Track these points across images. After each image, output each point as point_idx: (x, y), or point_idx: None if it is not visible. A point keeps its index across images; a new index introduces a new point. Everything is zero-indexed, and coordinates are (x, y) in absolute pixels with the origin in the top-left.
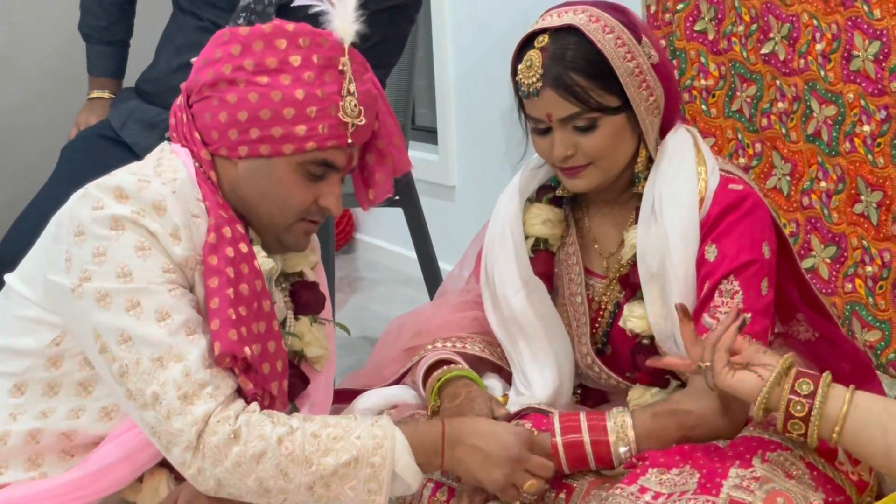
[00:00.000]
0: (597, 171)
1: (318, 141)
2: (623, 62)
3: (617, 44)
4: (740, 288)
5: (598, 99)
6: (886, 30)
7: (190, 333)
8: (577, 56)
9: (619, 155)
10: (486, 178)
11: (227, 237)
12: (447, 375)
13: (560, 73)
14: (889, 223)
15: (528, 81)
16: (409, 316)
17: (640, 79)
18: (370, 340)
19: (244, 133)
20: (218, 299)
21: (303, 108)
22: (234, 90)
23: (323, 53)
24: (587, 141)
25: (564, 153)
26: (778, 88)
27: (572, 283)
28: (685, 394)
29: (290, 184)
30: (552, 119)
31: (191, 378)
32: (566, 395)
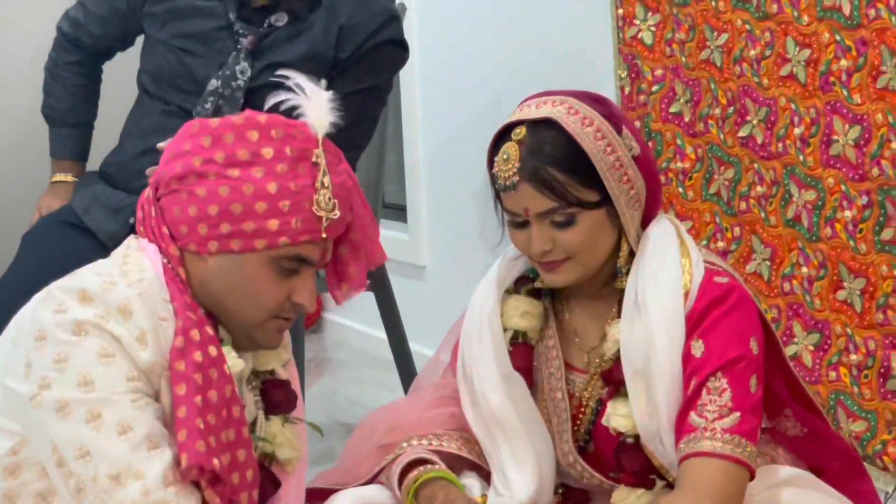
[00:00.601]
0: (576, 266)
1: (291, 236)
2: (603, 156)
3: (596, 137)
4: (728, 386)
5: (577, 194)
6: (867, 115)
7: (152, 448)
8: (555, 150)
9: (598, 249)
10: (458, 258)
11: (195, 340)
12: (424, 477)
13: (537, 168)
14: (873, 311)
15: (505, 175)
16: (383, 411)
17: (621, 172)
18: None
19: (214, 228)
20: (185, 408)
21: (275, 202)
22: (203, 183)
23: (296, 145)
24: (565, 236)
25: (542, 248)
26: (756, 172)
27: (552, 378)
28: (674, 498)
29: (262, 280)
30: (529, 213)
31: (150, 497)
32: (547, 494)
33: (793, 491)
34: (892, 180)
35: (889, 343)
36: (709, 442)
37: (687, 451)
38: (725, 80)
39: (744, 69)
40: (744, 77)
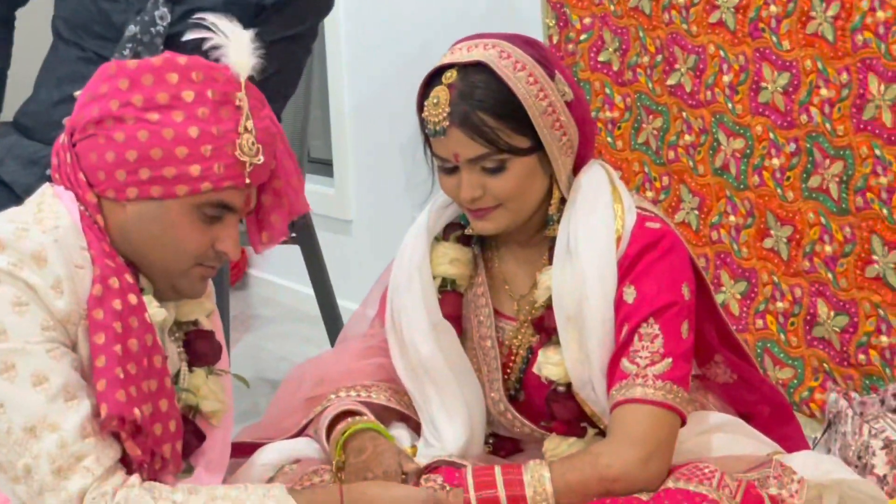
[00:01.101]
0: (506, 213)
1: (213, 181)
2: (535, 101)
3: (529, 82)
4: (660, 331)
5: (508, 140)
6: (795, 61)
7: (69, 399)
8: (485, 95)
9: (529, 197)
10: (385, 212)
11: (114, 288)
12: (352, 428)
13: (468, 113)
14: (799, 258)
15: (435, 120)
16: (310, 363)
17: (553, 118)
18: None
19: (133, 174)
20: (104, 357)
21: (197, 147)
22: (121, 128)
23: (218, 88)
24: (496, 183)
25: (472, 195)
26: (685, 121)
27: (482, 326)
28: (605, 444)
29: (184, 227)
30: (459, 159)
31: (66, 450)
32: (478, 444)
33: (723, 436)
34: (820, 127)
35: (815, 290)
36: (640, 388)
37: (618, 398)
38: (654, 27)
39: (672, 16)
40: (672, 24)
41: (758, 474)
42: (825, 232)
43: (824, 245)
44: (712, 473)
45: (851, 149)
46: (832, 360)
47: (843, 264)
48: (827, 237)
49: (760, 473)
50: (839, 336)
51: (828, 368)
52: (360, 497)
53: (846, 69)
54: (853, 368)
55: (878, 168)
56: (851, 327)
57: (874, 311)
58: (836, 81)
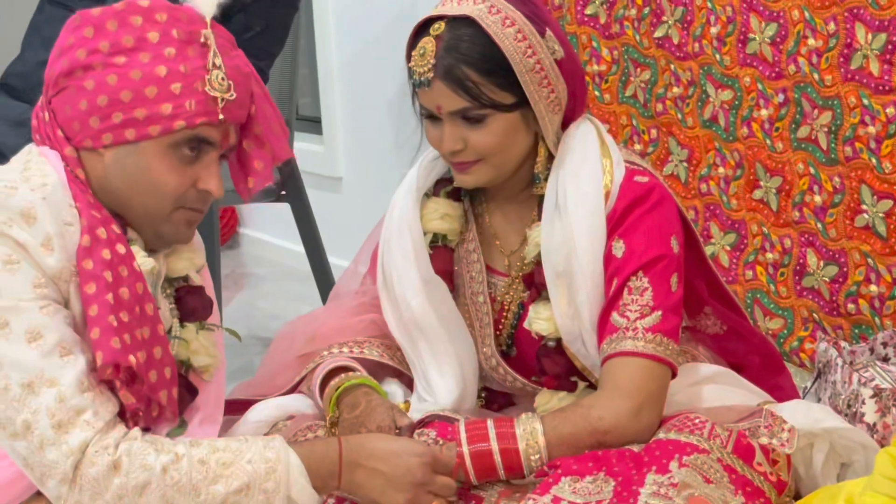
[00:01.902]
0: (487, 168)
1: (186, 118)
2: (522, 58)
3: (517, 38)
4: (650, 285)
5: (491, 95)
6: (783, 11)
7: (65, 354)
8: (471, 49)
9: (511, 152)
10: (374, 169)
11: (101, 239)
12: (346, 384)
13: (452, 66)
14: (789, 209)
15: (420, 70)
16: (303, 320)
17: (541, 76)
18: (260, 340)
19: (106, 119)
20: (97, 306)
21: (166, 86)
22: (90, 75)
23: (183, 28)
24: (477, 136)
25: (453, 147)
26: (672, 73)
27: (473, 282)
28: (596, 397)
29: (162, 168)
30: (442, 111)
31: (65, 404)
32: (470, 399)
33: (714, 387)
34: (808, 77)
35: (805, 240)
36: (631, 341)
37: (609, 352)
38: None
39: None
40: None
41: (748, 424)
42: (814, 182)
43: (814, 195)
44: (703, 424)
45: (839, 98)
46: (822, 309)
47: (832, 214)
48: (816, 187)
49: (751, 423)
50: (829, 286)
51: (817, 318)
52: (359, 449)
53: (833, 19)
54: (843, 318)
55: (866, 118)
56: (841, 277)
57: (863, 261)
58: (824, 31)
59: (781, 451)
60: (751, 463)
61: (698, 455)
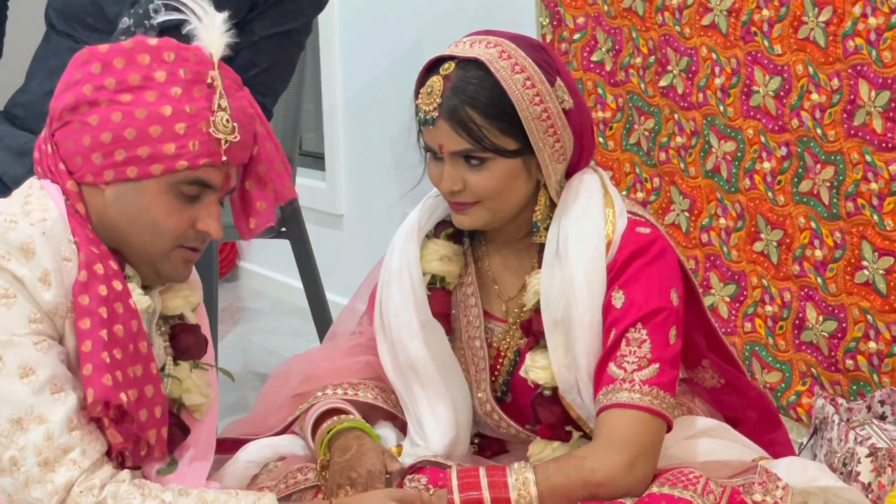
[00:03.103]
0: (484, 211)
1: (189, 159)
2: (529, 105)
3: (525, 85)
4: (648, 337)
5: (494, 140)
6: (787, 66)
7: (56, 391)
8: (477, 92)
9: (509, 197)
10: (375, 207)
11: (99, 274)
12: (338, 427)
13: (457, 107)
14: (789, 262)
15: (426, 108)
16: (297, 360)
17: (547, 124)
18: (255, 375)
19: (109, 156)
20: (90, 342)
21: (171, 125)
22: (95, 111)
23: (190, 67)
24: (476, 179)
25: (451, 187)
26: (676, 122)
27: (470, 326)
28: (590, 449)
29: (161, 207)
30: (444, 151)
31: (53, 442)
32: (463, 444)
33: (709, 441)
34: (811, 132)
35: (804, 294)
36: (627, 393)
37: (605, 403)
38: (647, 28)
39: (665, 18)
40: (665, 26)
41: (742, 480)
42: (815, 237)
43: (814, 250)
44: (697, 479)
45: (842, 154)
46: (820, 364)
47: (832, 269)
48: (817, 242)
49: (745, 479)
50: (827, 341)
51: (815, 373)
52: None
53: (837, 75)
54: (841, 374)
55: (868, 174)
56: (840, 332)
57: (863, 317)
58: (827, 87)
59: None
60: None
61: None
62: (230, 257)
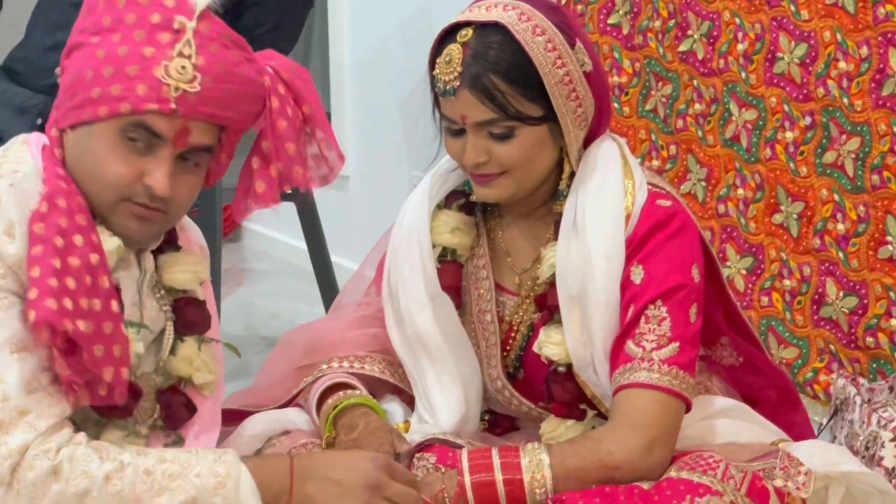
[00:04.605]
0: (510, 182)
1: (133, 102)
2: (552, 69)
3: (547, 48)
4: (668, 314)
5: (519, 107)
6: (814, 32)
7: (15, 351)
8: (500, 57)
9: (536, 166)
10: (382, 169)
11: (60, 207)
12: (343, 403)
13: (479, 74)
14: (810, 235)
15: (446, 78)
16: (303, 330)
17: (570, 88)
18: (259, 339)
19: (71, 98)
20: (39, 268)
21: (123, 67)
22: (74, 54)
23: (163, 13)
24: (502, 149)
25: (476, 160)
26: (695, 89)
27: (481, 300)
28: (606, 430)
29: (107, 153)
30: (466, 122)
31: (8, 403)
32: (473, 421)
33: (727, 422)
34: (837, 101)
35: (825, 269)
36: (645, 373)
37: (622, 382)
38: None
39: None
40: None
41: (763, 464)
42: (838, 210)
43: (837, 223)
44: (716, 464)
45: (869, 125)
46: (839, 341)
47: (855, 244)
48: (840, 215)
49: (766, 464)
50: (847, 317)
51: (834, 350)
52: (310, 461)
53: (866, 42)
54: (860, 351)
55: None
56: (861, 309)
57: (885, 294)
58: (856, 55)
59: (797, 495)
60: None
61: (711, 497)
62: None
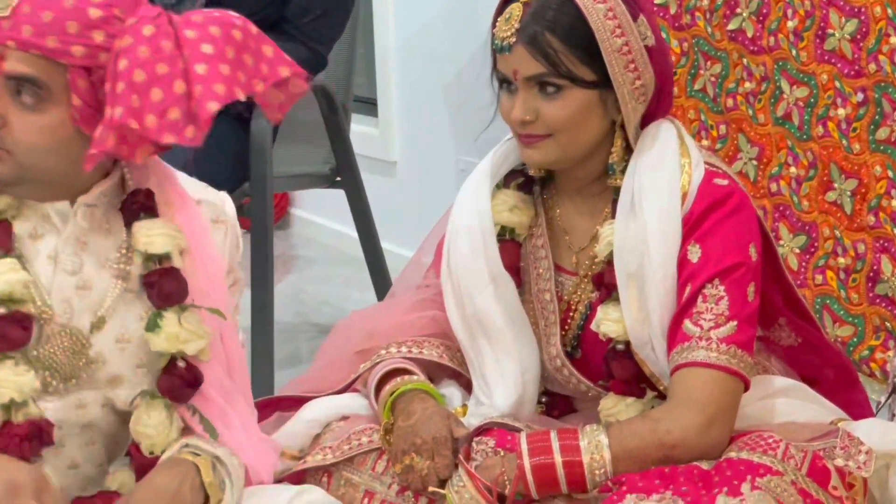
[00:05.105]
0: (555, 145)
1: None
2: (610, 36)
3: (607, 16)
4: (725, 293)
5: (571, 66)
6: (864, 7)
7: None
8: (558, 17)
9: (582, 132)
10: (429, 153)
11: None
12: (401, 389)
13: (536, 32)
14: (864, 213)
15: (503, 35)
16: (360, 315)
17: (628, 58)
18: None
19: None
20: None
21: None
22: None
23: None
24: (549, 108)
25: (523, 116)
26: (745, 67)
27: (540, 279)
28: (665, 409)
29: None
30: (518, 77)
31: None
32: (530, 403)
33: (786, 402)
34: (889, 77)
35: (879, 246)
36: (703, 352)
37: (680, 361)
38: None
39: None
40: None
41: (823, 444)
42: (892, 186)
43: (891, 200)
44: (776, 444)
45: None
46: (895, 318)
47: None
48: (894, 191)
49: (826, 443)
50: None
51: (890, 327)
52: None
53: None
54: None
55: None
56: None
57: None
58: None
59: (858, 474)
60: (826, 487)
61: (771, 477)
62: (281, 204)
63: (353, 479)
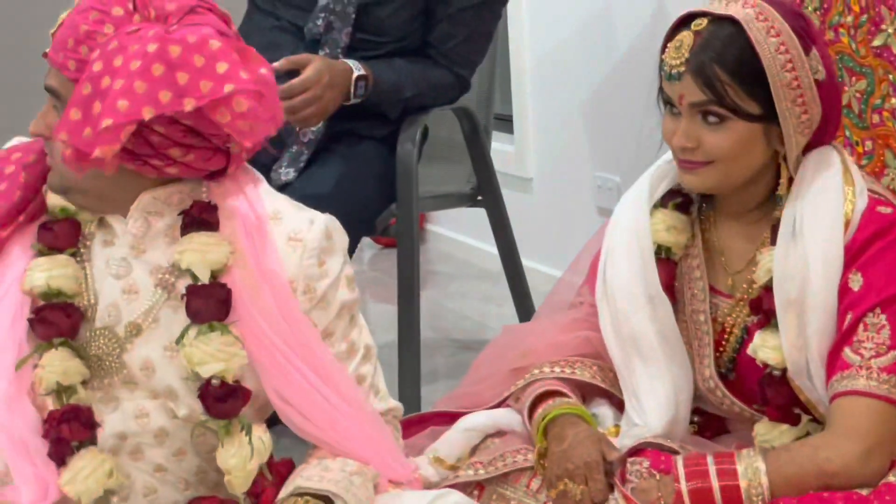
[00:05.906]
0: (714, 173)
1: None
2: (780, 71)
3: (779, 50)
4: (888, 322)
5: (736, 98)
6: None
7: None
8: (727, 50)
9: (742, 163)
10: (565, 170)
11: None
12: (553, 413)
13: (704, 63)
14: None
15: (672, 62)
16: (513, 333)
17: (797, 93)
18: (449, 341)
19: None
20: None
21: None
22: None
23: None
24: (711, 137)
25: (684, 143)
26: (891, 83)
27: (695, 300)
28: (824, 438)
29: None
30: (683, 102)
31: None
32: (683, 423)
33: None
34: None
35: None
36: (864, 381)
37: (840, 389)
38: None
39: None
40: None
41: None
42: None
43: None
44: None
45: None
46: None
47: None
48: None
49: None
50: None
51: None
52: None
53: None
54: None
55: None
56: None
57: None
58: None
59: None
60: None
61: None
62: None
63: (506, 494)
